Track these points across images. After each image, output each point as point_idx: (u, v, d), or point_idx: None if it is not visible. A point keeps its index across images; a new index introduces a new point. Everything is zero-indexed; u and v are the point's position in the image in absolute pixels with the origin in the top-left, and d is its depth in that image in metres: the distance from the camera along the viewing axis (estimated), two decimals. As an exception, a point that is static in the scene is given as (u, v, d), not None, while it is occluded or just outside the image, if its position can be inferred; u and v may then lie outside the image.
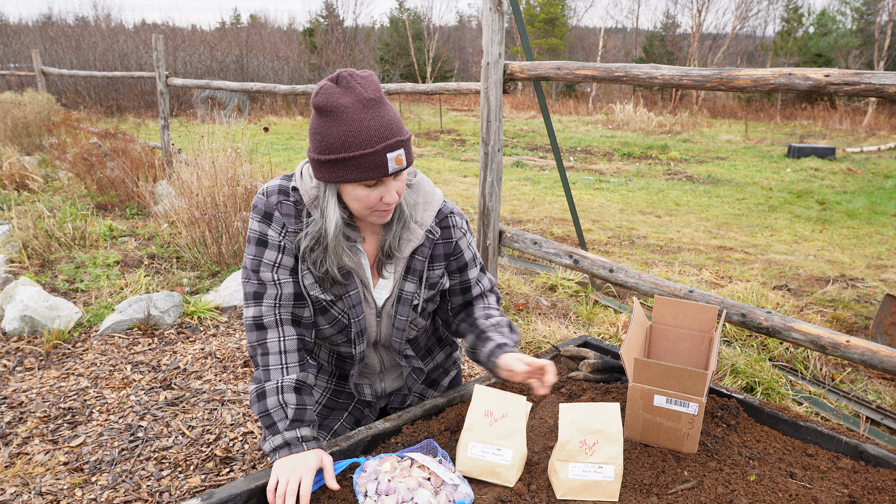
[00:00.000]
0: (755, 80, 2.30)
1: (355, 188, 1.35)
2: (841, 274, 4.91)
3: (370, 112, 1.30)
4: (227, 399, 2.64)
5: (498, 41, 3.33)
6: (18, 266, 4.14)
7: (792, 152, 11.78)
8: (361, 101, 1.29)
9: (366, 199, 1.35)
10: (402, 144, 1.32)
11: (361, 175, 1.30)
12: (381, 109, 1.31)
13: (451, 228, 1.56)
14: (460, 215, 1.61)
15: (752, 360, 2.91)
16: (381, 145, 1.29)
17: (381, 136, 1.29)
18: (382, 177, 1.31)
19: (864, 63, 22.22)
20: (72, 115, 10.42)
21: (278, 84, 11.02)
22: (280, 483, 1.30)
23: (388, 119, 1.31)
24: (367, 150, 1.29)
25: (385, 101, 1.34)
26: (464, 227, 1.60)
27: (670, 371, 1.46)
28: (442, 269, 1.58)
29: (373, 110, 1.30)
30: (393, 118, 1.33)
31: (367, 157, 1.29)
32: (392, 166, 1.31)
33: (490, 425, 1.40)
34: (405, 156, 1.33)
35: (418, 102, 23.38)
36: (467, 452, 1.37)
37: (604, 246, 5.54)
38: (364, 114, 1.29)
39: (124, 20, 62.71)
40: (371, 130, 1.29)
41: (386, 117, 1.31)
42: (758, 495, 1.34)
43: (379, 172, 1.30)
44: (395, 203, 1.37)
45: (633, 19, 62.81)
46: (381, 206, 1.37)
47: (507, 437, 1.39)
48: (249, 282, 1.48)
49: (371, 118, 1.29)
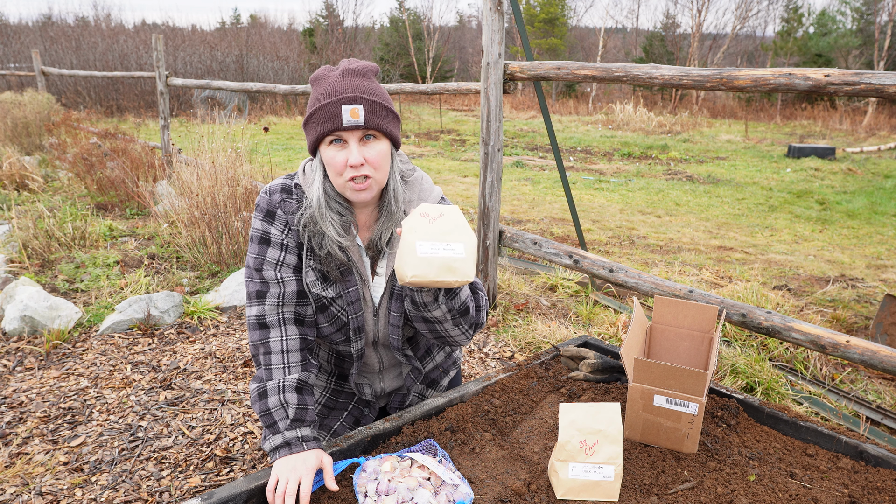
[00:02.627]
0: (755, 80, 2.30)
1: (326, 149, 1.39)
2: (841, 274, 4.91)
3: (346, 77, 1.37)
4: (227, 399, 2.64)
5: (498, 41, 3.33)
6: (18, 266, 4.14)
7: (792, 152, 11.78)
8: (344, 70, 1.38)
9: (333, 162, 1.38)
10: (360, 100, 1.35)
11: (319, 127, 1.36)
12: (359, 78, 1.38)
13: None
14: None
15: (752, 360, 2.91)
16: (337, 97, 1.34)
17: (342, 90, 1.35)
18: (336, 129, 1.34)
19: (864, 63, 22.22)
20: (72, 115, 10.43)
21: (278, 84, 11.02)
22: (280, 483, 1.31)
23: (360, 83, 1.37)
24: (325, 101, 1.35)
25: (369, 76, 1.40)
26: None
27: (670, 371, 1.46)
28: None
29: (350, 77, 1.38)
30: (367, 85, 1.38)
31: (324, 108, 1.35)
32: (346, 118, 1.34)
33: (431, 224, 1.31)
34: (364, 112, 1.35)
35: (418, 102, 23.37)
36: (417, 252, 1.26)
37: (604, 246, 5.54)
38: (339, 79, 1.37)
39: (124, 20, 62.76)
40: (336, 87, 1.36)
41: (357, 81, 1.37)
42: (758, 495, 1.34)
43: (333, 123, 1.34)
44: (358, 165, 1.37)
45: (633, 19, 62.84)
46: (349, 172, 1.38)
47: (452, 233, 1.30)
48: (252, 280, 1.48)
49: (343, 80, 1.37)
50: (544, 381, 1.88)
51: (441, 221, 1.31)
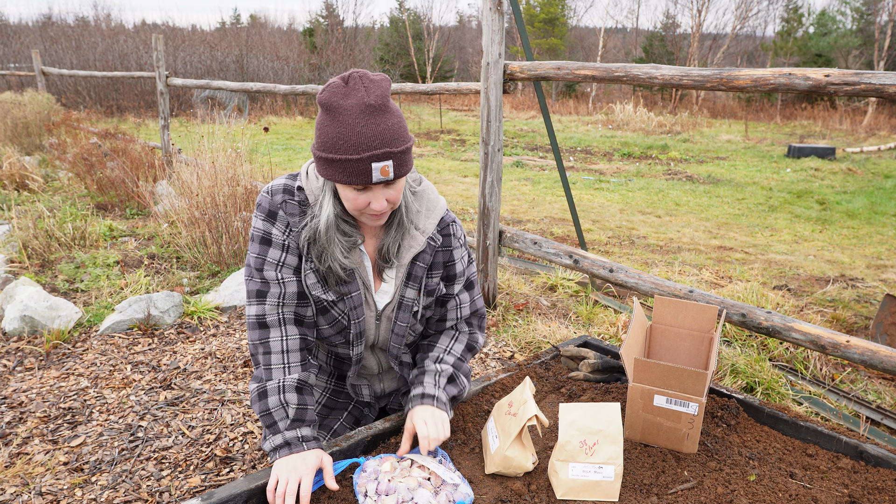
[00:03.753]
0: (755, 80, 2.30)
1: (345, 189, 1.35)
2: (841, 274, 4.91)
3: (367, 118, 1.28)
4: (227, 399, 2.64)
5: (498, 41, 3.33)
6: (18, 266, 4.14)
7: (792, 152, 11.78)
8: (362, 105, 1.28)
9: (354, 202, 1.35)
10: (390, 156, 1.29)
11: (346, 179, 1.30)
12: (380, 117, 1.29)
13: (451, 237, 1.57)
14: (460, 227, 1.62)
15: (752, 360, 2.91)
16: (366, 154, 1.27)
17: (370, 145, 1.27)
18: (366, 185, 1.31)
19: (864, 63, 22.22)
20: (72, 115, 10.42)
21: (278, 84, 11.02)
22: (280, 483, 1.30)
23: (384, 128, 1.29)
24: (353, 156, 1.28)
25: (389, 108, 1.31)
26: (462, 239, 1.61)
27: (670, 371, 1.46)
28: (440, 276, 1.58)
29: (370, 117, 1.28)
30: (390, 127, 1.30)
31: (352, 164, 1.28)
32: (376, 176, 1.29)
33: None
34: (393, 167, 1.30)
35: (418, 102, 23.37)
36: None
37: (604, 246, 5.54)
38: (360, 119, 1.28)
39: (124, 20, 62.76)
40: (361, 137, 1.27)
41: (382, 126, 1.29)
42: (758, 495, 1.34)
43: (362, 180, 1.30)
44: (383, 210, 1.36)
45: (633, 19, 62.83)
46: (368, 211, 1.37)
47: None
48: (252, 280, 1.48)
49: (366, 125, 1.27)
50: (544, 381, 1.88)
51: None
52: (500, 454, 1.39)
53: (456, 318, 1.66)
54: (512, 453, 1.38)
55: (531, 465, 1.40)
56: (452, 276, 1.60)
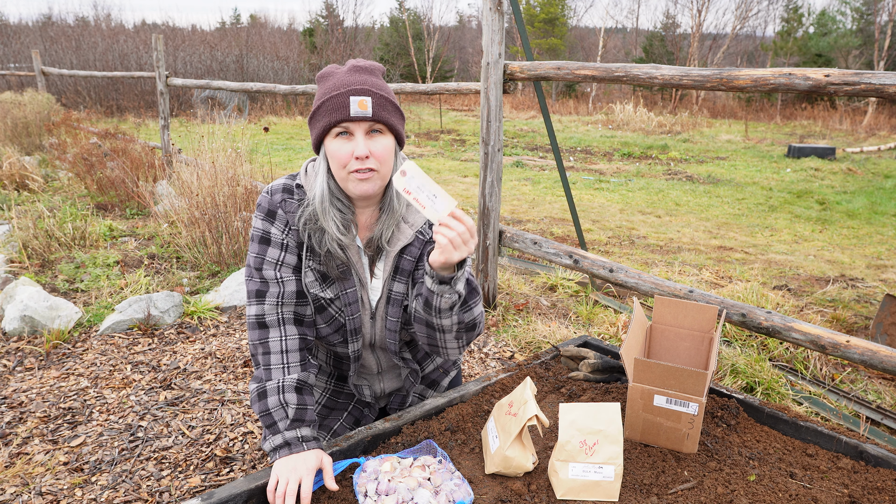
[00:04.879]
0: (755, 80, 2.30)
1: (331, 142, 1.40)
2: (841, 274, 4.91)
3: (354, 73, 1.40)
4: (227, 399, 2.64)
5: (498, 41, 3.33)
6: (18, 266, 4.14)
7: (792, 152, 11.78)
8: (352, 67, 1.41)
9: (338, 154, 1.39)
10: (369, 93, 1.37)
11: (326, 118, 1.37)
12: (367, 74, 1.41)
13: None
14: None
15: (752, 360, 2.91)
16: (346, 89, 1.37)
17: (350, 83, 1.37)
18: (344, 119, 1.36)
19: (864, 63, 22.22)
20: (72, 115, 10.42)
21: (278, 84, 11.02)
22: (280, 483, 1.30)
23: (368, 78, 1.40)
24: (333, 93, 1.37)
25: (377, 73, 1.43)
26: None
27: (670, 371, 1.46)
28: None
29: (358, 72, 1.41)
30: (376, 81, 1.41)
31: (332, 99, 1.37)
32: (354, 109, 1.36)
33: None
34: (372, 105, 1.37)
35: (418, 102, 23.37)
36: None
37: (604, 246, 5.54)
38: (348, 74, 1.40)
39: (124, 20, 62.80)
40: (345, 80, 1.39)
41: (366, 77, 1.40)
42: (758, 495, 1.34)
43: (340, 114, 1.36)
44: (364, 156, 1.38)
45: (633, 19, 62.80)
46: (354, 164, 1.38)
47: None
48: (252, 279, 1.48)
49: (351, 75, 1.39)
50: (544, 381, 1.88)
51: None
52: (500, 454, 1.39)
53: None
54: (512, 453, 1.38)
55: (531, 465, 1.40)
56: None
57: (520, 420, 1.37)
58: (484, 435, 1.54)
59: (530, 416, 1.34)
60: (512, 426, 1.40)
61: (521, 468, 1.40)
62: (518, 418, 1.38)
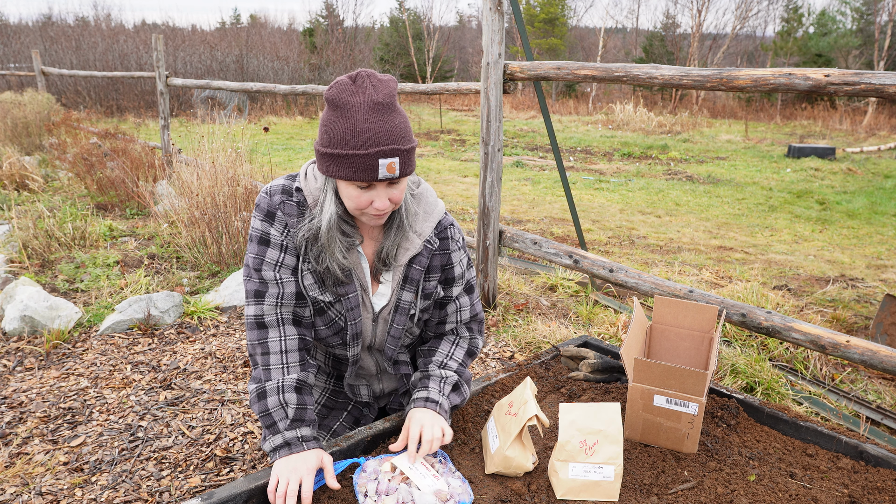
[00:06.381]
0: (755, 80, 2.30)
1: (348, 186, 1.34)
2: (841, 274, 4.91)
3: (374, 115, 1.28)
4: (227, 399, 2.64)
5: (498, 41, 3.33)
6: (18, 266, 4.14)
7: (792, 152, 11.78)
8: (369, 102, 1.28)
9: (356, 200, 1.35)
10: (397, 153, 1.29)
11: (351, 174, 1.30)
12: (387, 115, 1.29)
13: (448, 240, 1.56)
14: (458, 230, 1.61)
15: (752, 360, 2.91)
16: (374, 149, 1.27)
17: (378, 141, 1.28)
18: (371, 181, 1.30)
19: (864, 63, 22.22)
20: (72, 115, 10.42)
21: (278, 84, 11.02)
22: (280, 483, 1.30)
23: (392, 126, 1.29)
24: (360, 151, 1.27)
25: (396, 107, 1.32)
26: (460, 242, 1.60)
27: (670, 371, 1.46)
28: (437, 279, 1.57)
29: (378, 114, 1.28)
30: (397, 126, 1.30)
31: (359, 159, 1.28)
32: (382, 173, 1.29)
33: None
34: (399, 165, 1.31)
35: (418, 102, 23.37)
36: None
37: (604, 246, 5.54)
38: (367, 115, 1.28)
39: (124, 20, 62.79)
40: (369, 133, 1.27)
41: (389, 123, 1.29)
42: (758, 495, 1.34)
43: (368, 176, 1.29)
44: (385, 209, 1.36)
45: (633, 19, 62.76)
46: (371, 210, 1.36)
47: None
48: (251, 280, 1.48)
49: (373, 121, 1.28)
50: (544, 381, 1.88)
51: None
52: (500, 454, 1.39)
53: (456, 321, 1.65)
54: (512, 453, 1.38)
55: (531, 465, 1.40)
56: (451, 279, 1.60)
57: (520, 420, 1.37)
58: (484, 435, 1.54)
59: (530, 416, 1.34)
60: (512, 426, 1.40)
61: (521, 468, 1.40)
62: (518, 418, 1.38)
